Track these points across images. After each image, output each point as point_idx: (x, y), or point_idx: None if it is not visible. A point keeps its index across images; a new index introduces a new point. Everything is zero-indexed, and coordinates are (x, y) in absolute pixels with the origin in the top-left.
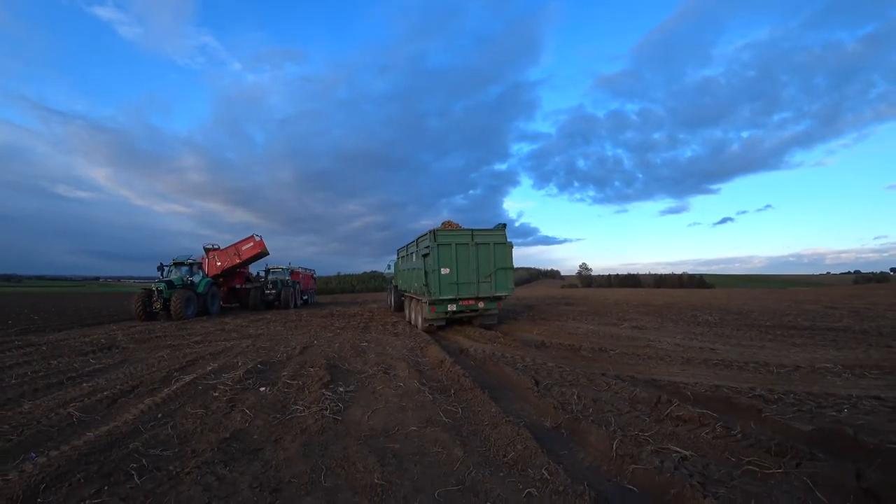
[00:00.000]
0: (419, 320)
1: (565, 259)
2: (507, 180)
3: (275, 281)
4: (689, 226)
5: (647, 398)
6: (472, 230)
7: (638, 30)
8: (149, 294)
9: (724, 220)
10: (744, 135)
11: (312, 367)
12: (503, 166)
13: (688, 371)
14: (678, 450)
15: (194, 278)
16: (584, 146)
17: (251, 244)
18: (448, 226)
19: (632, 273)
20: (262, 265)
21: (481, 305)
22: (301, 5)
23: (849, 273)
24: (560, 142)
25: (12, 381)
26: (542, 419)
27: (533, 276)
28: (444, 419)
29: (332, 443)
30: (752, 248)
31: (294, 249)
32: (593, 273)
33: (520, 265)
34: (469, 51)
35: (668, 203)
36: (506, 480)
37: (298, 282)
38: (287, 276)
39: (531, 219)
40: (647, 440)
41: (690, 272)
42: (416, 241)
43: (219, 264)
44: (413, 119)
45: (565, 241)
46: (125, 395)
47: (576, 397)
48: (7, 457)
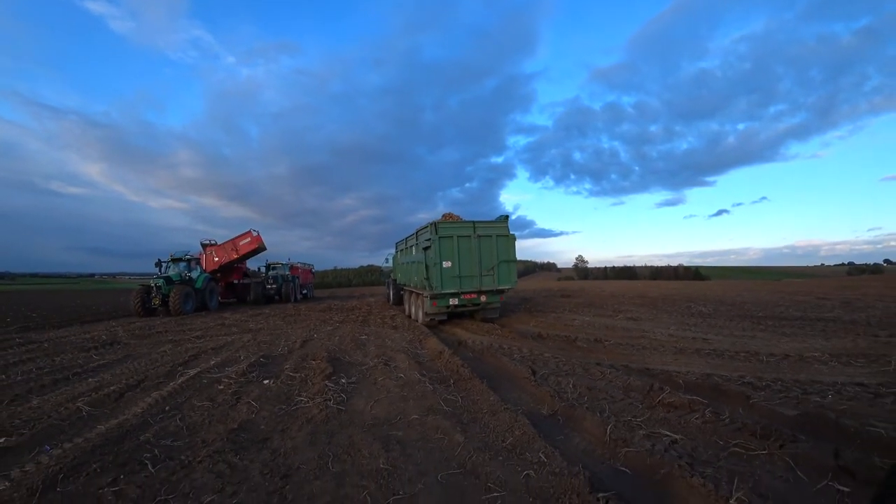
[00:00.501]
0: (420, 314)
1: (562, 251)
2: (504, 173)
3: (275, 276)
4: (685, 218)
5: (640, 386)
6: (473, 222)
7: (634, 22)
8: (147, 290)
9: (719, 213)
10: (740, 127)
11: (314, 360)
12: (499, 159)
13: (680, 360)
14: (669, 434)
15: (192, 274)
16: (580, 139)
17: (248, 239)
18: (449, 218)
19: (628, 265)
20: (262, 260)
21: (484, 299)
22: None
23: (843, 265)
24: (556, 134)
25: (18, 378)
26: (539, 407)
27: (529, 269)
28: (445, 408)
29: (337, 431)
30: (747, 239)
31: (290, 244)
32: (589, 265)
33: (516, 258)
34: (464, 44)
35: (664, 195)
36: (505, 464)
37: (298, 276)
38: (287, 271)
39: (527, 211)
40: (639, 425)
41: (686, 264)
42: (416, 233)
43: (216, 260)
44: (408, 113)
45: (562, 233)
46: (131, 390)
47: (571, 386)
48: (22, 450)
